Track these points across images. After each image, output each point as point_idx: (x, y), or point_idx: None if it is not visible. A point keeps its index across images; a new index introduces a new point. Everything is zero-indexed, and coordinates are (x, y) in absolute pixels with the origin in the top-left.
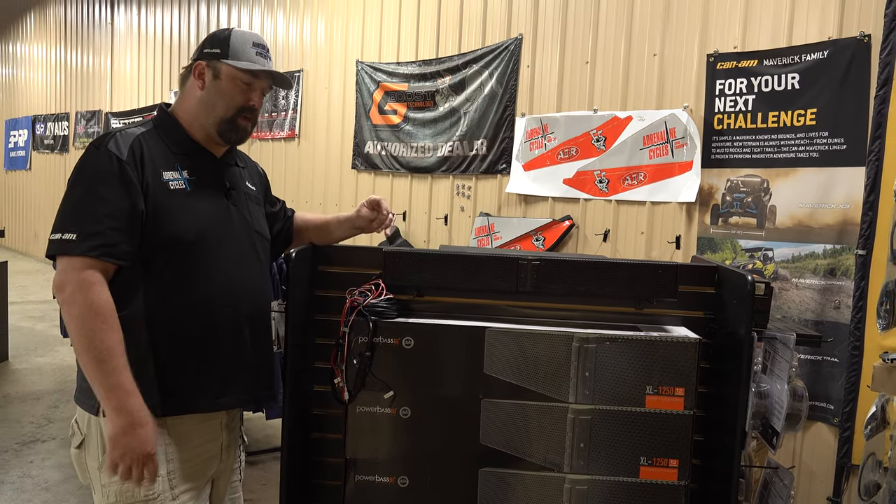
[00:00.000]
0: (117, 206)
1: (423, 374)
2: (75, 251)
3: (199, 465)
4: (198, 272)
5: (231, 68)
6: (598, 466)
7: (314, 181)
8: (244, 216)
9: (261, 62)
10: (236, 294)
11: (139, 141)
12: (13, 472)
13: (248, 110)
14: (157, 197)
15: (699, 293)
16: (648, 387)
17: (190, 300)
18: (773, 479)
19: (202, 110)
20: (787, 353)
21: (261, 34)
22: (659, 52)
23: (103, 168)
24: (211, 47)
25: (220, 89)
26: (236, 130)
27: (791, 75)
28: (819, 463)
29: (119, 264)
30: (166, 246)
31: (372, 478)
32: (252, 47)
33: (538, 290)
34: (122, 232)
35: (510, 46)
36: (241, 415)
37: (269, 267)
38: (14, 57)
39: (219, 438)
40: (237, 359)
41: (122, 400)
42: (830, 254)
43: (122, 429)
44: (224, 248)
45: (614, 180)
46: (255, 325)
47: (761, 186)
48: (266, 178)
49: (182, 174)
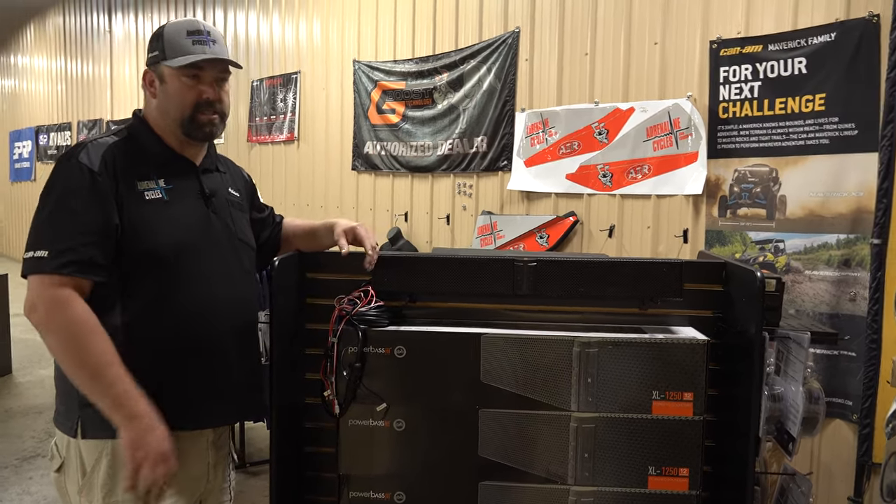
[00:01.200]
0: (90, 221)
1: (417, 385)
2: (47, 269)
3: (185, 485)
4: (178, 285)
5: (171, 70)
6: (603, 477)
7: (315, 184)
8: (226, 224)
9: (199, 50)
10: (219, 307)
11: (111, 150)
12: (12, 490)
13: (203, 105)
14: (132, 208)
15: (706, 291)
16: (655, 392)
17: (170, 315)
18: (790, 486)
19: (161, 117)
20: (801, 352)
21: (256, 37)
22: (660, 41)
23: (74, 181)
24: (151, 51)
25: (168, 93)
26: (200, 127)
27: (798, 60)
28: (838, 461)
29: (94, 280)
30: (144, 259)
31: (367, 494)
32: (187, 37)
33: (536, 293)
34: (96, 247)
35: (508, 40)
36: (229, 432)
37: (254, 276)
38: (16, 69)
39: (205, 457)
40: (222, 374)
41: (133, 406)
42: (844, 244)
43: (140, 433)
44: (205, 258)
45: (618, 174)
46: (241, 339)
47: (770, 176)
48: (252, 183)
49: (158, 183)
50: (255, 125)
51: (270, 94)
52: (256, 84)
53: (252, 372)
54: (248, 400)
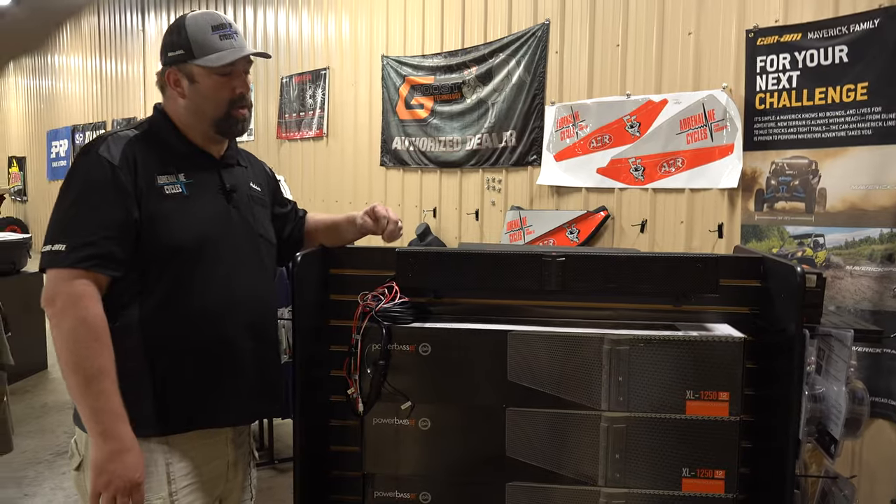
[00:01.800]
0: (109, 215)
1: (442, 383)
2: (64, 263)
3: (203, 484)
4: (196, 281)
5: (203, 69)
6: (635, 479)
7: (343, 180)
8: (247, 219)
9: (229, 45)
10: (237, 303)
11: (132, 144)
12: (45, 485)
13: (238, 100)
14: (151, 203)
15: (743, 287)
16: (689, 391)
17: (188, 310)
18: (831, 490)
19: (192, 117)
20: (844, 351)
21: (285, 33)
22: (694, 31)
23: (94, 174)
24: (173, 49)
25: (202, 93)
26: (235, 123)
27: (839, 48)
28: (882, 463)
29: (112, 275)
30: (163, 254)
31: (392, 494)
32: (213, 33)
33: (565, 289)
34: (115, 241)
35: (537, 33)
36: (249, 430)
37: (274, 273)
38: (52, 69)
39: (224, 456)
40: (240, 371)
41: (110, 424)
42: (888, 238)
43: (109, 455)
44: (225, 254)
45: (650, 168)
46: (259, 335)
47: (809, 168)
48: (274, 177)
49: (179, 178)
50: (285, 122)
51: (300, 90)
52: (286, 80)
53: (270, 369)
54: (266, 398)
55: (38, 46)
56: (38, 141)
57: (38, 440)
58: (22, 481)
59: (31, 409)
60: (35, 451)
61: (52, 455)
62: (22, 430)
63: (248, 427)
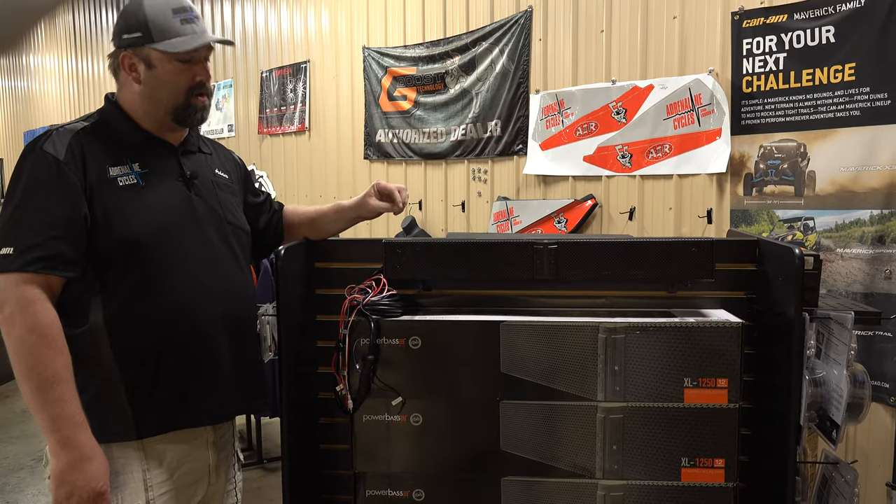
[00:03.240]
0: (57, 214)
1: (433, 377)
2: (12, 267)
3: (182, 490)
4: (162, 274)
5: (162, 54)
6: (633, 470)
7: (327, 174)
8: (212, 207)
9: (190, 31)
10: (206, 294)
11: (79, 137)
12: (28, 491)
13: (197, 87)
14: (104, 197)
15: (739, 271)
16: (687, 379)
17: (156, 306)
18: (832, 476)
19: (148, 104)
20: (844, 334)
21: (264, 27)
22: (679, 14)
23: (39, 172)
24: (129, 31)
25: (160, 79)
26: (194, 112)
27: (825, 28)
28: (876, 446)
29: (64, 276)
30: (121, 249)
31: (384, 492)
32: (174, 17)
33: (557, 277)
34: (65, 241)
35: (520, 20)
36: (233, 432)
37: (248, 262)
38: (28, 69)
39: (204, 459)
40: (215, 367)
41: (68, 432)
42: (878, 220)
43: (69, 464)
44: (189, 245)
45: (637, 154)
46: (234, 328)
47: (798, 151)
48: (244, 166)
49: (133, 168)
50: (266, 117)
51: (280, 84)
52: (266, 75)
53: (248, 363)
54: (244, 394)
55: (13, 46)
56: (15, 142)
57: (19, 446)
58: (4, 488)
59: (12, 414)
60: (17, 457)
61: (33, 461)
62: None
63: (230, 428)
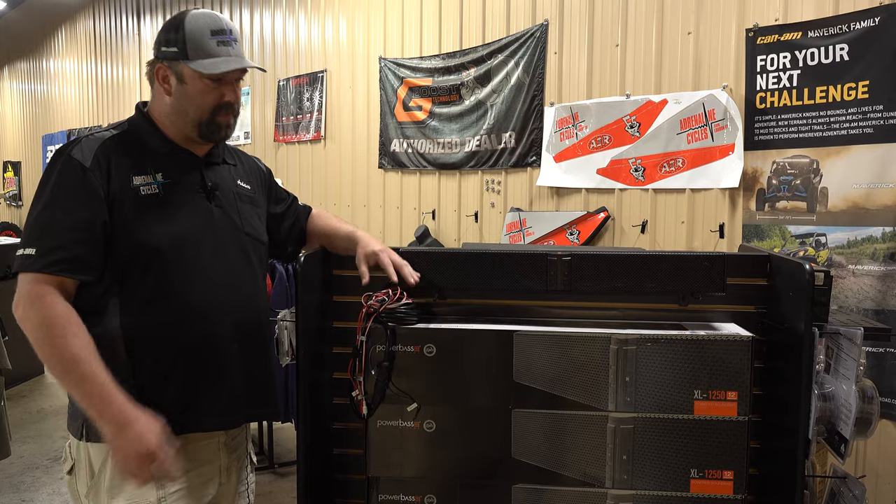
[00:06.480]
0: (79, 218)
1: (447, 384)
2: (33, 267)
3: (193, 489)
4: (177, 282)
5: (194, 72)
6: (643, 480)
7: (341, 182)
8: (231, 218)
9: (224, 52)
10: (222, 303)
11: (106, 146)
12: (43, 490)
13: (224, 107)
14: (126, 205)
15: (750, 286)
16: (697, 391)
17: (170, 313)
18: (840, 490)
19: (175, 116)
20: (853, 349)
21: (282, 36)
22: (694, 30)
23: (66, 177)
24: (167, 45)
25: (188, 94)
26: (217, 129)
27: (839, 46)
28: (886, 464)
29: (80, 279)
30: (139, 257)
31: (397, 497)
32: (211, 38)
33: (570, 289)
34: (85, 245)
35: (536, 33)
36: (247, 435)
37: (264, 272)
38: (48, 73)
39: (216, 460)
40: (226, 374)
41: (100, 407)
42: (890, 237)
43: (112, 436)
44: (206, 254)
45: (651, 168)
46: (246, 337)
47: (810, 167)
48: (269, 175)
49: (156, 177)
50: (282, 125)
51: (297, 93)
52: (283, 83)
53: (258, 372)
54: (252, 402)
55: (33, 51)
56: (34, 145)
57: (35, 445)
58: (19, 487)
59: (27, 414)
60: (32, 457)
61: (48, 460)
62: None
63: (243, 431)
